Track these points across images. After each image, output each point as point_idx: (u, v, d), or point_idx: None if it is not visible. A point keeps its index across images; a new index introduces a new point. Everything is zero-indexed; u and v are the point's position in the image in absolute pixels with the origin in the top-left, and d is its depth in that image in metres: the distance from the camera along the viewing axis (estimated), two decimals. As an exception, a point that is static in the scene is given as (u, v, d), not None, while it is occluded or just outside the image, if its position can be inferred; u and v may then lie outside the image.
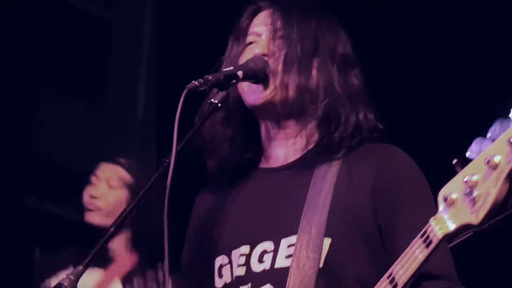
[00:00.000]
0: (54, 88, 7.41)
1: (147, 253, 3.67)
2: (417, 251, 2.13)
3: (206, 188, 2.69)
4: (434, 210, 2.14)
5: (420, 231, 2.15)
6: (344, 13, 2.70)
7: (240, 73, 2.46)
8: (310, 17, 2.57)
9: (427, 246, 2.11)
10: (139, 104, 6.69)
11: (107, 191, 3.69)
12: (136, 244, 3.69)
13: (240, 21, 2.63)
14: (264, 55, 2.51)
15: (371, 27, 4.87)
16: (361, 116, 2.52)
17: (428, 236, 2.11)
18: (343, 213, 2.42)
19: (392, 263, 2.21)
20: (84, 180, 7.44)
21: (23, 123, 3.95)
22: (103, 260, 3.63)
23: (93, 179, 3.74)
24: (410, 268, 2.14)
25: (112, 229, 2.17)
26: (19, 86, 6.30)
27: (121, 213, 2.17)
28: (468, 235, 2.34)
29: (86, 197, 3.72)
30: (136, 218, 3.52)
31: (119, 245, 3.69)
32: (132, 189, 3.71)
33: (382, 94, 2.64)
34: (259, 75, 2.49)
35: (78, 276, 2.11)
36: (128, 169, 3.73)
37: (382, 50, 4.89)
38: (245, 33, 2.60)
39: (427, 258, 2.13)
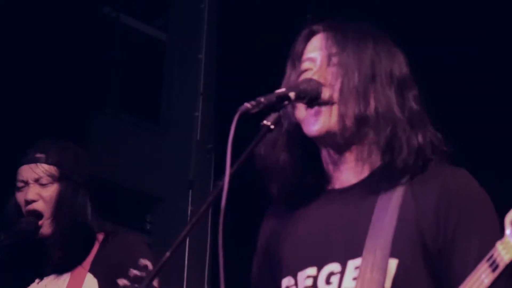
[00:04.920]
0: (111, 110, 7.52)
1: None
2: (483, 276, 2.06)
3: (272, 210, 2.68)
4: (498, 236, 2.07)
5: (479, 255, 2.11)
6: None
7: (292, 94, 2.43)
8: (365, 40, 2.52)
9: (493, 270, 2.05)
10: (196, 128, 6.74)
11: (40, 191, 3.72)
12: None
13: (295, 45, 2.59)
14: (319, 83, 2.47)
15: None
16: (422, 139, 2.46)
17: (494, 261, 2.05)
18: (409, 235, 2.40)
19: (450, 286, 2.17)
20: (144, 200, 7.55)
21: (81, 146, 3.98)
22: (67, 264, 3.68)
23: (19, 184, 3.74)
24: None
25: (168, 254, 2.18)
26: (76, 110, 6.40)
27: (178, 238, 2.18)
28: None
29: (22, 203, 3.72)
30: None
31: None
32: (62, 178, 3.73)
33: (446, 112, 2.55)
34: (312, 96, 2.46)
35: None
36: (50, 162, 3.74)
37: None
38: (300, 58, 2.56)
39: (493, 283, 2.06)
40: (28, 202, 3.66)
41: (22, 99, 5.95)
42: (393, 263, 2.39)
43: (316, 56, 2.54)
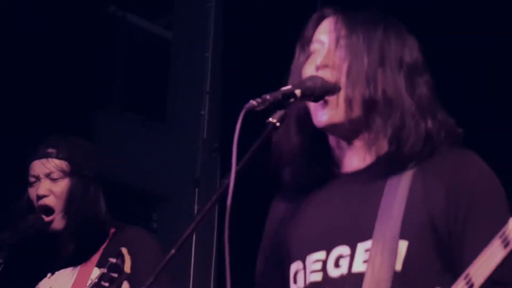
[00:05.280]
0: (118, 109, 7.52)
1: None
2: (495, 252, 2.06)
3: (279, 196, 2.67)
4: (509, 217, 2.06)
5: (490, 238, 2.08)
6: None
7: (298, 91, 2.42)
8: (376, 24, 2.50)
9: (505, 246, 2.03)
10: (202, 126, 6.72)
11: (51, 186, 3.73)
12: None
13: (305, 29, 2.58)
14: (325, 66, 2.46)
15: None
16: (431, 125, 2.45)
17: (506, 237, 2.03)
18: (418, 218, 2.39)
19: (460, 270, 2.16)
20: (151, 199, 7.57)
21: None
22: (78, 258, 3.69)
23: (31, 180, 3.75)
24: (487, 269, 2.07)
25: (173, 251, 2.17)
26: (81, 108, 6.40)
27: (183, 234, 2.17)
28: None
29: (33, 198, 3.73)
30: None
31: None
32: (73, 173, 3.74)
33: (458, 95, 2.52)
34: (317, 93, 2.45)
35: None
36: (61, 157, 3.75)
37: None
38: (309, 41, 2.55)
39: (505, 259, 2.05)
40: (40, 197, 3.69)
41: (26, 98, 5.95)
42: (403, 245, 2.38)
43: (324, 38, 2.52)
